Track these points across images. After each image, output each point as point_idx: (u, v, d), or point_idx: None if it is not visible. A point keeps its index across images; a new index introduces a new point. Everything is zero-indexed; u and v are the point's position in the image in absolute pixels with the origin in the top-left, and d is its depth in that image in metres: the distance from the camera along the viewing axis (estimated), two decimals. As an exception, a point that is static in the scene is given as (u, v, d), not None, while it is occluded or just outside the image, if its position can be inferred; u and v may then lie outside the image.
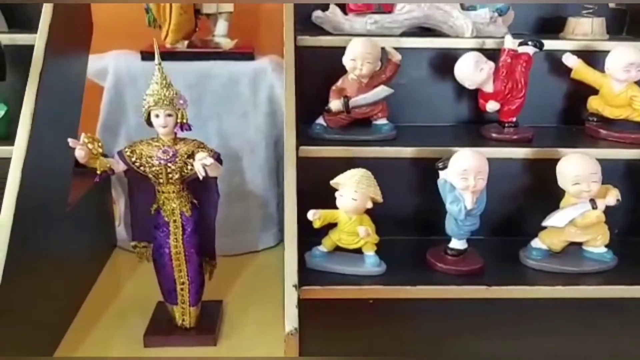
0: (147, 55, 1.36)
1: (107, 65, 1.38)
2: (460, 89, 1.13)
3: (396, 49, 1.10)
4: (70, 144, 0.94)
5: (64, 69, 1.15)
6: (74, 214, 1.18)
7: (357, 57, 1.03)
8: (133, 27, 1.47)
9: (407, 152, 1.02)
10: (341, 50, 1.09)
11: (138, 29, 1.45)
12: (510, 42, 1.06)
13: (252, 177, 1.43)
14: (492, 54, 1.12)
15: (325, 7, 1.24)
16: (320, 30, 1.20)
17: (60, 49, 1.10)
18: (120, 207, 1.48)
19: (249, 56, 1.39)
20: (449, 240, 0.97)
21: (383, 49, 1.06)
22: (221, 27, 1.43)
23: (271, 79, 1.37)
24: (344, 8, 1.20)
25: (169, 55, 1.36)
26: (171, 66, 1.29)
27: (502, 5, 1.19)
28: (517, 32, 1.23)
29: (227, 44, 1.41)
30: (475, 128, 1.14)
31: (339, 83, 1.07)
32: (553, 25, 1.28)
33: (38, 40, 1.03)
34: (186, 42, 1.39)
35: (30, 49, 1.05)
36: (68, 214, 1.15)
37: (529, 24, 1.30)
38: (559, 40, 1.18)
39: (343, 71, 1.08)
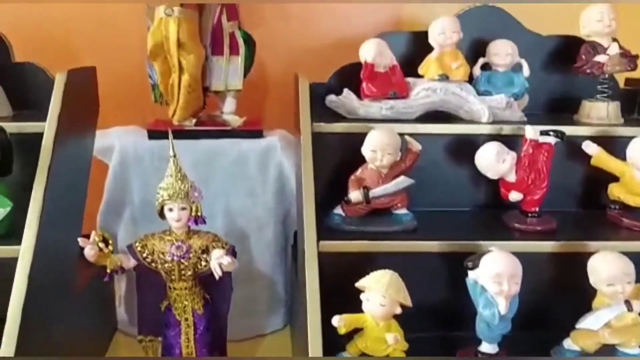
0: (154, 134, 1.33)
1: (113, 143, 1.34)
2: (478, 174, 1.11)
3: (413, 134, 1.08)
4: (80, 244, 0.90)
5: (72, 154, 1.12)
6: (78, 300, 1.12)
7: (377, 149, 1.01)
8: (139, 101, 1.46)
9: (430, 246, 0.99)
10: (357, 136, 1.07)
11: (144, 103, 1.44)
12: (531, 133, 1.04)
13: (259, 257, 1.38)
14: (510, 140, 1.11)
15: (338, 91, 1.22)
16: (334, 114, 1.19)
17: (68, 135, 1.07)
18: (121, 287, 1.41)
19: (258, 134, 1.36)
20: (477, 338, 0.92)
21: (402, 137, 1.04)
22: (229, 104, 1.41)
23: (280, 157, 1.35)
24: (358, 92, 1.19)
25: (176, 133, 1.33)
26: (179, 144, 1.27)
27: (517, 90, 1.19)
28: (530, 113, 1.23)
29: (235, 121, 1.38)
30: (495, 214, 1.12)
31: (358, 173, 1.04)
32: (566, 106, 1.28)
33: (47, 130, 1.00)
34: (194, 120, 1.37)
35: (37, 135, 1.01)
36: (72, 300, 1.09)
37: (543, 104, 1.30)
38: (577, 126, 1.17)
39: (359, 156, 1.06)
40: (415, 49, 1.24)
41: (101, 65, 1.36)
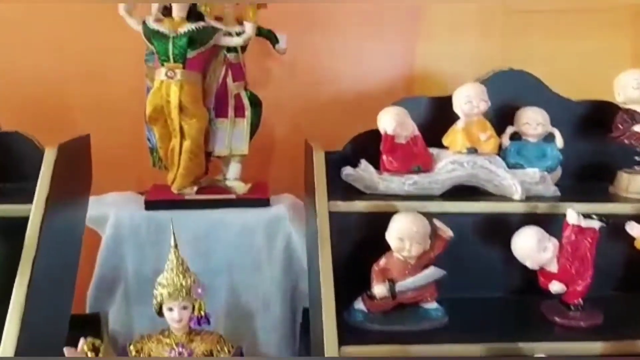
0: (152, 205, 1.21)
1: (107, 213, 1.22)
2: (510, 256, 1.00)
3: (439, 214, 0.98)
4: (66, 353, 0.77)
5: (61, 236, 1.00)
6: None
7: (404, 237, 0.90)
8: (136, 164, 1.35)
9: (465, 350, 0.87)
10: (378, 215, 0.97)
11: (141, 166, 1.33)
12: (574, 217, 0.94)
13: (266, 337, 1.26)
14: (545, 219, 1.01)
15: (354, 161, 1.12)
16: (349, 187, 1.08)
17: (56, 216, 0.95)
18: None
19: (264, 202, 1.26)
20: None
21: (431, 222, 0.94)
22: (234, 170, 1.30)
23: (288, 228, 1.24)
24: (375, 162, 1.09)
25: (176, 203, 1.23)
26: (178, 215, 1.17)
27: (551, 163, 1.09)
28: (562, 184, 1.13)
29: (240, 188, 1.28)
30: (531, 302, 1.01)
31: (382, 263, 0.93)
32: (600, 176, 1.18)
33: (33, 215, 0.88)
34: (195, 188, 1.26)
35: (22, 219, 0.90)
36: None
37: (574, 174, 1.20)
38: (617, 203, 1.07)
39: (379, 238, 0.95)
40: (436, 116, 1.15)
41: (97, 126, 1.27)
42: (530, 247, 0.92)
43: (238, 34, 1.23)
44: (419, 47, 1.45)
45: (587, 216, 0.95)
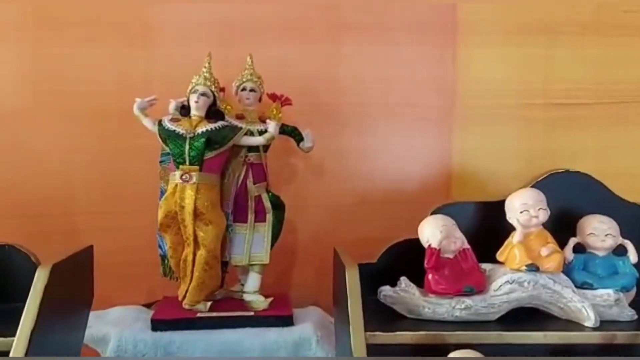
0: (159, 325, 1.06)
1: (108, 333, 1.07)
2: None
3: (498, 345, 0.81)
4: None
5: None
6: None
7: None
8: (143, 274, 1.22)
9: None
10: (423, 347, 0.80)
11: (149, 275, 1.20)
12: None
13: None
14: (624, 348, 0.84)
15: (390, 276, 0.97)
16: (386, 309, 0.93)
17: (47, 341, 0.81)
18: None
19: (287, 321, 1.10)
20: None
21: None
22: (253, 281, 1.16)
23: (316, 352, 1.07)
24: (414, 276, 0.94)
25: (186, 322, 1.08)
26: (188, 337, 1.03)
27: (626, 282, 0.93)
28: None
29: (259, 304, 1.12)
30: None
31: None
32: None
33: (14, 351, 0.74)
34: (208, 304, 1.11)
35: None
36: None
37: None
38: None
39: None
40: (485, 225, 1.01)
41: (103, 232, 1.16)
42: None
43: (260, 133, 1.14)
44: (454, 143, 1.33)
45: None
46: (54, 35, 1.25)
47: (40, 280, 0.79)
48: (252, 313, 1.10)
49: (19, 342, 0.74)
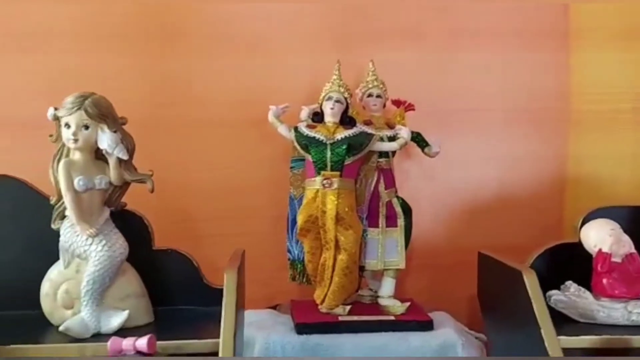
0: (304, 328, 1.07)
1: (254, 336, 1.08)
2: None
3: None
4: None
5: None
6: None
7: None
8: (271, 277, 1.23)
9: None
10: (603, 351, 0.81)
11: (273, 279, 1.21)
12: None
13: None
14: None
15: (550, 280, 0.97)
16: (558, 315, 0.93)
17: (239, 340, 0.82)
18: None
19: (428, 325, 1.10)
20: None
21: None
22: (388, 286, 1.17)
23: (460, 356, 1.07)
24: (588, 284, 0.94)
25: (330, 326, 1.08)
26: (335, 340, 1.04)
27: None
28: None
29: (397, 308, 1.13)
30: None
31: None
32: None
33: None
34: (348, 308, 1.12)
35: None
36: None
37: None
38: None
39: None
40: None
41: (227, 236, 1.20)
42: None
43: (389, 139, 1.15)
44: (569, 149, 1.34)
45: None
46: (175, 47, 1.27)
47: (231, 281, 0.81)
48: (392, 317, 1.11)
49: (224, 344, 0.75)
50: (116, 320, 0.84)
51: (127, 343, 0.79)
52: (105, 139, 0.86)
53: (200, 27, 1.28)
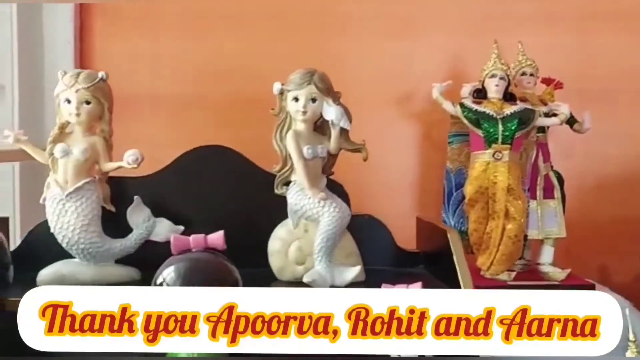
0: (479, 292, 1.14)
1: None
2: None
3: None
4: None
5: None
6: None
7: None
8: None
9: None
10: None
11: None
12: None
13: None
14: None
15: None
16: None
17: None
18: None
19: (590, 289, 1.17)
20: None
21: None
22: (547, 254, 1.23)
23: (631, 320, 1.13)
24: None
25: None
26: None
27: None
28: None
29: (558, 275, 1.20)
30: None
31: None
32: None
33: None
34: (513, 274, 1.18)
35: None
36: None
37: None
38: None
39: None
40: None
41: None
42: None
43: (547, 115, 1.21)
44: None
45: None
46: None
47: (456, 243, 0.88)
48: (557, 282, 1.18)
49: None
50: (349, 274, 0.91)
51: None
52: (333, 111, 0.92)
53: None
